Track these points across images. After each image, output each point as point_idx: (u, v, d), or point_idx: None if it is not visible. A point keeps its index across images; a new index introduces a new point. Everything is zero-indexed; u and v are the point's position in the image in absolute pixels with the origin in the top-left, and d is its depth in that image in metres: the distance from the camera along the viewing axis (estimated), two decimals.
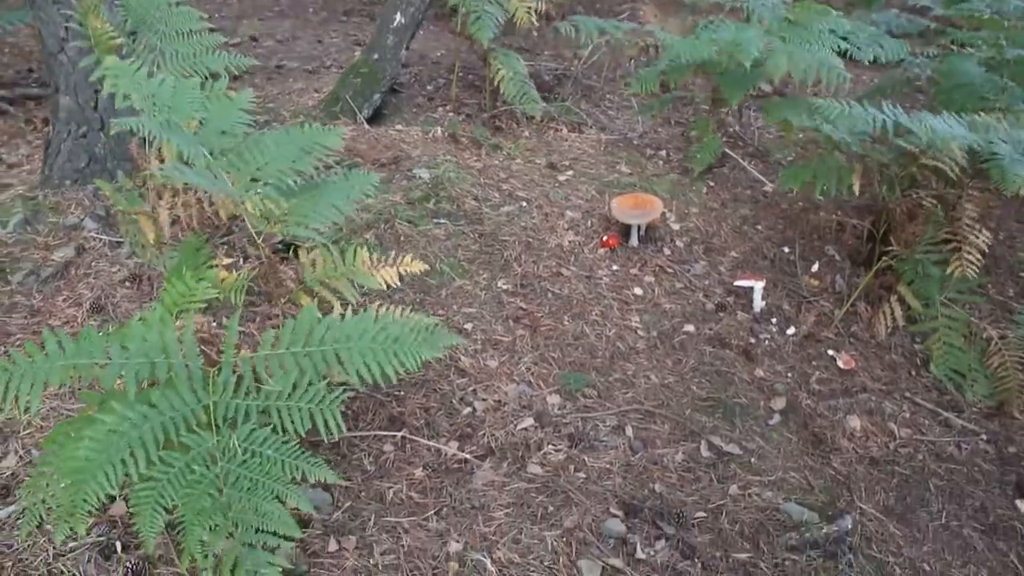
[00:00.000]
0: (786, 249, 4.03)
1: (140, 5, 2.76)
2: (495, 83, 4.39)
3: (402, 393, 2.85)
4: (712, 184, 4.47)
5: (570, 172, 4.36)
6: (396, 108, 4.99)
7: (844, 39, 3.89)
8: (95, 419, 1.76)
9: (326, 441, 2.51)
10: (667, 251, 3.91)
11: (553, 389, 2.97)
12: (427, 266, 2.58)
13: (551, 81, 5.62)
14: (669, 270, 3.78)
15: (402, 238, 3.54)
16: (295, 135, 2.36)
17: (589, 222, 3.95)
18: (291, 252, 3.28)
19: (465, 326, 3.22)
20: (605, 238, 3.80)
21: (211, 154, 2.15)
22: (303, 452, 1.88)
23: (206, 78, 2.68)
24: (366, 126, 4.40)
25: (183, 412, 1.84)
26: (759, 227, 4.18)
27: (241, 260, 3.16)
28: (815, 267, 3.95)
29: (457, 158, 4.28)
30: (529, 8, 4.36)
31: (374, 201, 3.72)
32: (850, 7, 7.27)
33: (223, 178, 2.13)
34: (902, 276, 3.53)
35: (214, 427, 1.86)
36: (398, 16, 4.50)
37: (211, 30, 6.13)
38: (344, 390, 2.00)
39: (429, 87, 5.41)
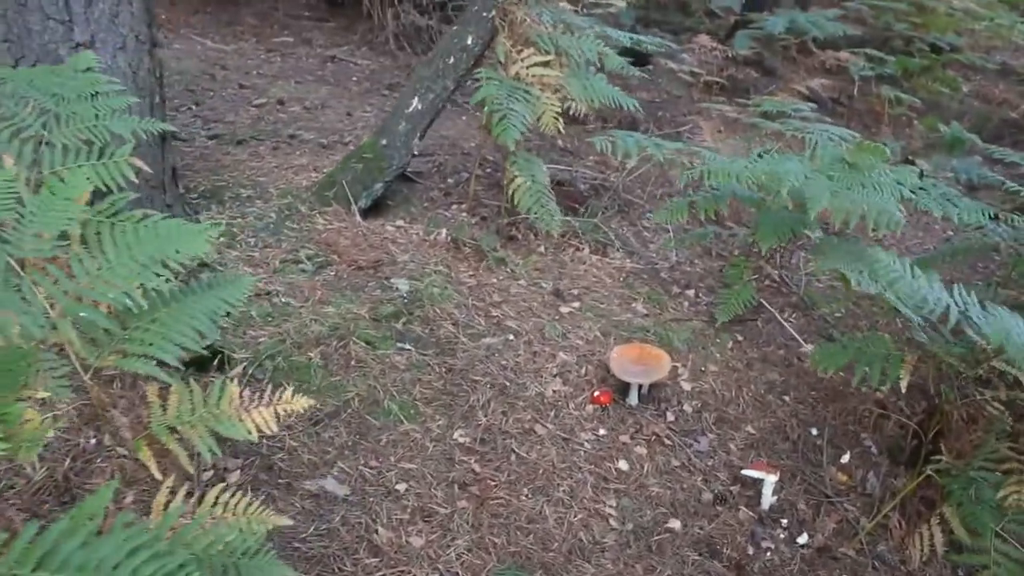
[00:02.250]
0: (814, 431, 3.38)
1: (31, 73, 2.37)
2: (509, 191, 3.90)
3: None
4: (740, 339, 3.86)
5: (576, 304, 3.81)
6: (405, 199, 4.54)
7: (913, 192, 3.30)
8: None
9: None
10: (670, 416, 3.29)
11: None
12: (313, 402, 2.05)
13: (586, 192, 5.13)
14: (668, 442, 3.16)
15: (352, 363, 3.01)
16: (146, 235, 1.87)
17: (584, 369, 3.38)
18: (218, 363, 2.79)
19: (397, 486, 2.65)
20: (597, 393, 3.21)
21: (21, 266, 1.66)
22: None
23: (105, 144, 2.23)
24: (358, 218, 3.94)
25: None
26: (786, 398, 3.54)
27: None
28: (846, 458, 3.29)
29: (451, 269, 3.77)
30: (558, 113, 3.88)
31: (334, 311, 3.22)
32: (930, 149, 6.68)
33: (31, 297, 1.63)
34: (949, 494, 2.85)
35: None
36: (415, 101, 4.08)
37: (240, 86, 5.89)
38: None
39: (450, 180, 4.97)
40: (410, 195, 4.63)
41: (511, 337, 3.42)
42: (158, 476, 1.80)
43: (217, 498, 1.72)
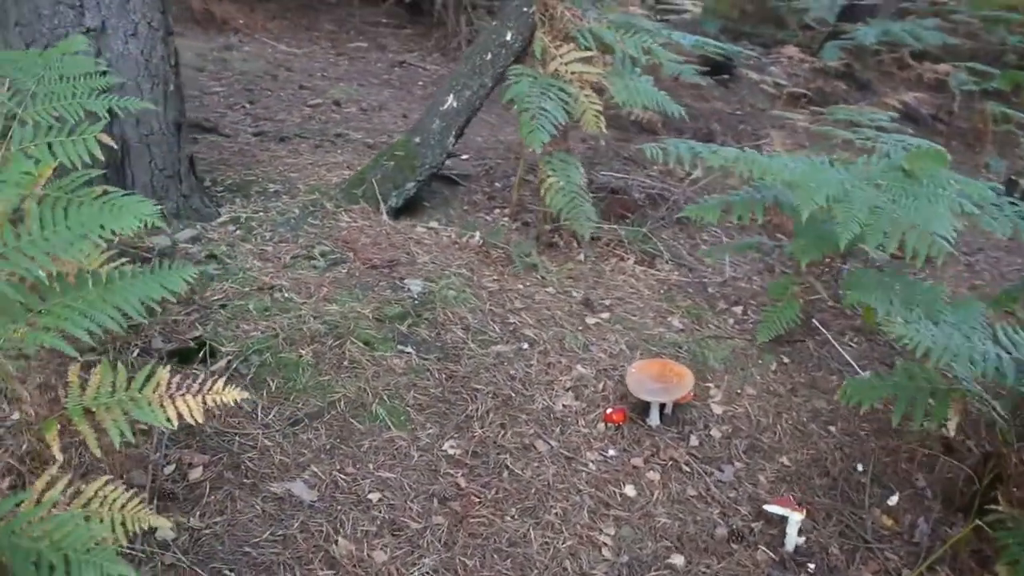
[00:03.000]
0: (860, 467, 3.00)
1: (19, 55, 2.33)
2: (541, 191, 3.69)
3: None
4: (787, 361, 3.50)
5: (606, 315, 3.55)
6: (444, 201, 4.38)
7: (978, 208, 2.90)
8: None
9: None
10: (694, 440, 2.99)
11: None
12: (246, 394, 1.88)
13: (641, 200, 4.85)
14: (686, 468, 2.86)
15: (345, 363, 2.85)
16: (82, 212, 1.75)
17: (601, 384, 3.11)
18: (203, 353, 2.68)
19: (370, 495, 2.46)
20: (610, 410, 2.94)
21: None
22: None
23: (79, 122, 2.16)
24: (385, 217, 3.80)
25: None
26: (832, 428, 3.17)
27: None
28: (893, 500, 2.90)
29: (473, 273, 3.58)
30: (599, 111, 3.65)
31: (337, 308, 3.07)
32: None
33: None
34: (1004, 549, 2.46)
35: None
36: (450, 99, 3.92)
37: (300, 87, 5.89)
38: None
39: (497, 184, 4.79)
40: (451, 198, 4.48)
41: (525, 346, 3.19)
42: (59, 457, 1.67)
43: (97, 491, 1.56)
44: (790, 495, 2.73)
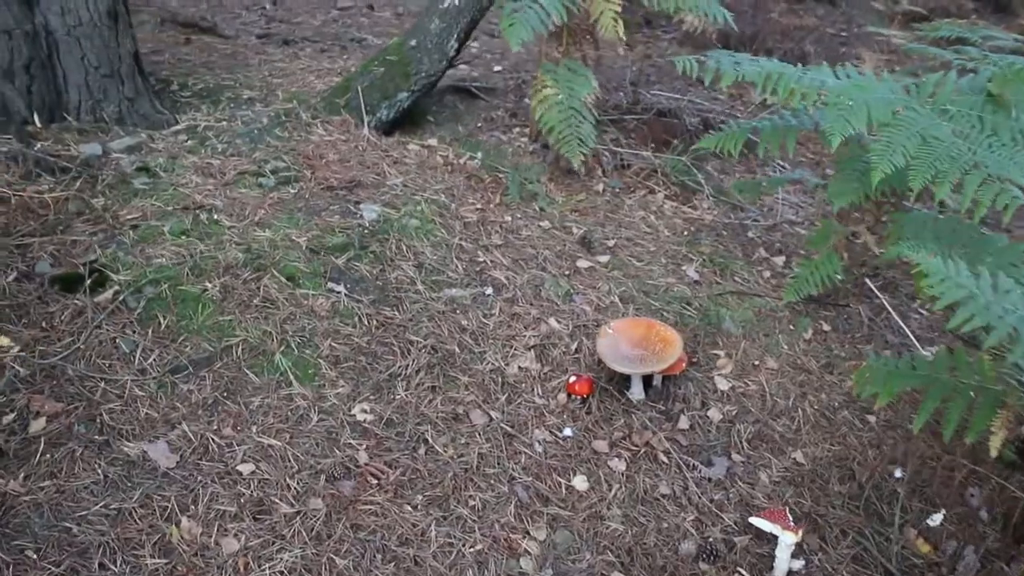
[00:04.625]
0: (898, 472, 2.34)
1: None
2: (532, 106, 3.08)
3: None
4: (826, 329, 2.82)
5: (605, 257, 2.95)
6: (454, 117, 3.83)
7: None
8: None
9: None
10: (684, 422, 2.40)
11: None
12: (12, 343, 1.45)
13: (691, 126, 4.12)
14: (664, 458, 2.29)
15: (256, 300, 2.39)
16: None
17: (576, 344, 2.55)
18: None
19: (241, 466, 2.02)
20: (573, 379, 2.38)
21: None
22: None
23: None
24: (366, 131, 3.28)
25: None
26: (870, 419, 2.51)
27: None
28: (936, 519, 2.25)
29: (455, 200, 3.03)
30: (616, 14, 2.98)
31: (268, 235, 2.60)
32: None
33: None
34: None
35: None
36: None
37: None
38: None
39: (526, 100, 4.18)
40: (464, 113, 3.91)
41: (488, 291, 2.65)
42: None
43: None
44: (786, 509, 2.11)
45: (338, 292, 2.47)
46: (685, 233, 3.19)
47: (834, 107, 2.04)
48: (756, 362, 2.64)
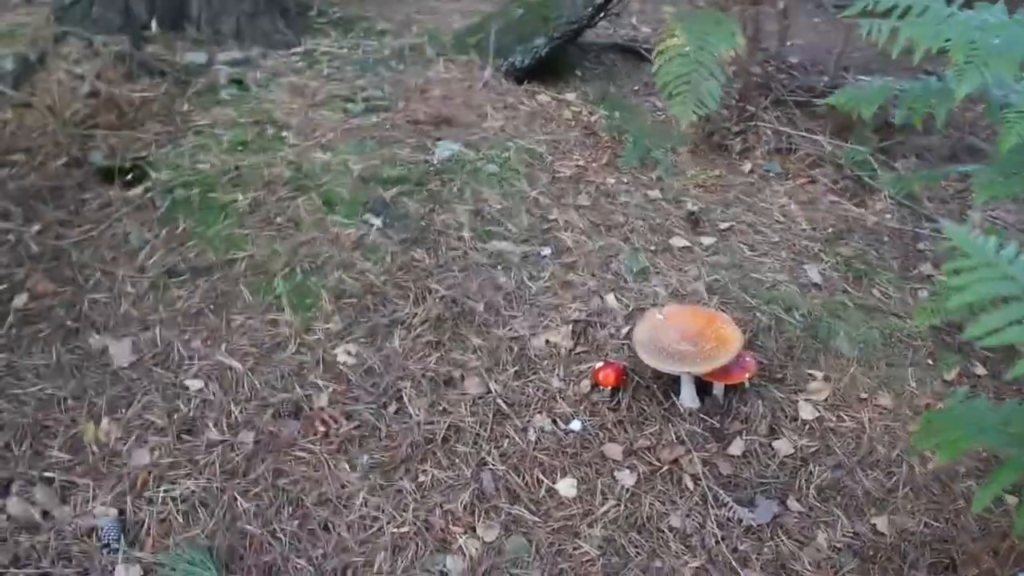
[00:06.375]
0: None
1: None
2: (653, 57, 2.62)
3: None
4: (979, 373, 2.13)
5: (711, 240, 2.44)
6: (610, 76, 3.46)
7: None
8: None
9: None
10: (736, 448, 1.90)
11: None
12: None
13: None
14: (690, 484, 1.81)
15: (281, 219, 2.21)
16: None
17: (629, 328, 2.10)
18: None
19: (191, 382, 1.84)
20: (599, 364, 1.95)
21: None
22: None
23: None
24: (488, 72, 3.00)
25: None
26: (1009, 500, 1.83)
27: None
28: None
29: (554, 153, 2.68)
30: None
31: (326, 158, 2.42)
32: None
33: None
34: None
35: None
36: None
37: None
38: None
39: None
40: (623, 73, 3.51)
41: (545, 251, 2.27)
42: None
43: None
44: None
45: (372, 224, 2.22)
46: (829, 229, 2.58)
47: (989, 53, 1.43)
48: (864, 395, 2.03)
